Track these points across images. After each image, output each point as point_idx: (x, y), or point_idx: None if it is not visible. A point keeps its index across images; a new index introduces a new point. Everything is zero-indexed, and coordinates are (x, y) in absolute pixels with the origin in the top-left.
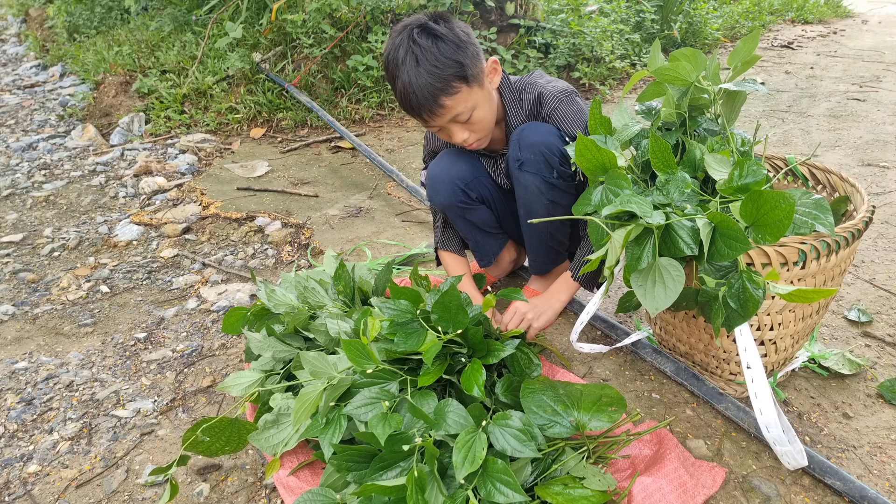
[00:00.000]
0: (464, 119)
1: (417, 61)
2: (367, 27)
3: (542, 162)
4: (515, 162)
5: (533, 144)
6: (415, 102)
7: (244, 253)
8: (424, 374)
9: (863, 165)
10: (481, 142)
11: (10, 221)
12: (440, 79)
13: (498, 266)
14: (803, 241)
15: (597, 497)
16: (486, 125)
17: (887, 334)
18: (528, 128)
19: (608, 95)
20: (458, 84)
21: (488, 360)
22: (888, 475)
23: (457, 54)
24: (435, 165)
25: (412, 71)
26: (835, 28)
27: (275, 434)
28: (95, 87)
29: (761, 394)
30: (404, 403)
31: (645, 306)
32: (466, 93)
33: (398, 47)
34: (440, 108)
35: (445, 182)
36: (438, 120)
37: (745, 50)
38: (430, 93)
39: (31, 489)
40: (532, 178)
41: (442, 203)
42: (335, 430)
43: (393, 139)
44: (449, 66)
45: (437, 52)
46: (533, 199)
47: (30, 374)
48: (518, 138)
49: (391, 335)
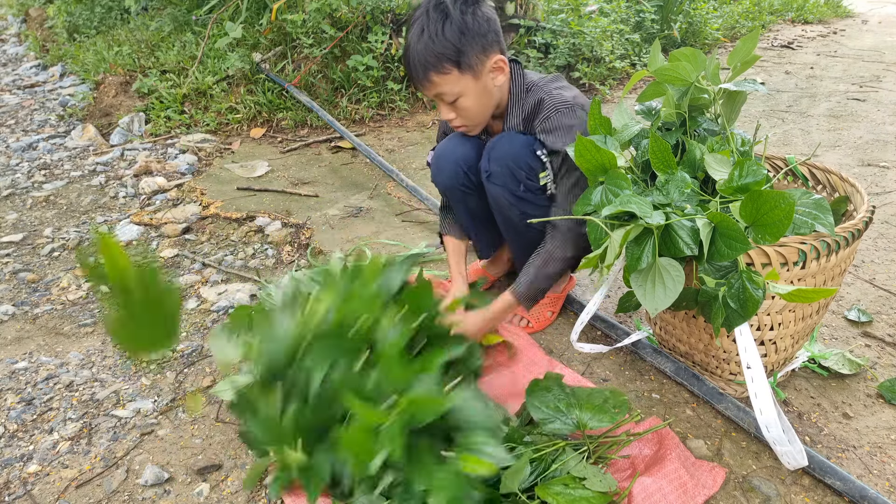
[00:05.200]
0: (448, 101)
1: (422, 31)
2: (367, 27)
3: (509, 175)
4: (485, 173)
5: (500, 157)
6: (409, 66)
7: (244, 253)
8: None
9: (863, 165)
10: (469, 129)
11: (10, 221)
12: (433, 55)
13: (497, 264)
14: (803, 241)
15: (598, 498)
16: (472, 115)
17: (887, 334)
18: (501, 139)
19: (608, 95)
20: (450, 66)
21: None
22: (888, 475)
23: (458, 39)
24: (442, 145)
25: (415, 38)
26: (835, 28)
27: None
28: (95, 87)
29: (761, 394)
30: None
31: (645, 306)
32: (456, 77)
33: (418, 10)
34: (427, 81)
35: (450, 162)
36: (426, 92)
37: (745, 50)
38: (421, 64)
39: (31, 489)
40: (500, 191)
41: (444, 183)
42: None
43: (393, 139)
44: (445, 48)
45: (440, 30)
46: (505, 209)
47: (30, 374)
48: (489, 149)
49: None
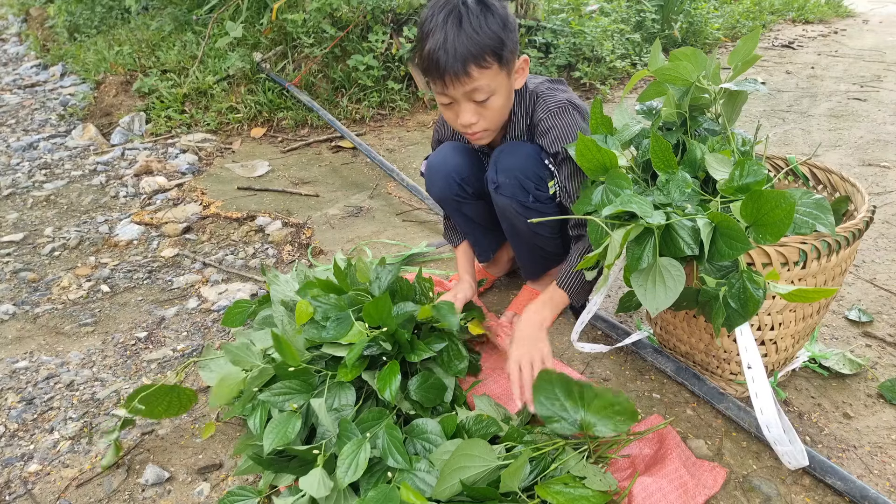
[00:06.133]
0: (480, 98)
1: (461, 22)
2: (367, 27)
3: (517, 187)
4: (492, 184)
5: (508, 169)
6: (443, 61)
7: (245, 252)
8: (343, 369)
9: (863, 165)
10: (484, 134)
11: (11, 221)
12: (478, 45)
13: (497, 265)
14: (804, 241)
15: (597, 497)
16: (496, 117)
17: (888, 334)
18: (507, 149)
19: (609, 95)
20: (492, 60)
21: (410, 358)
22: (889, 475)
23: (502, 31)
24: (434, 156)
25: (452, 30)
26: (835, 28)
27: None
28: (96, 86)
29: (762, 393)
30: (328, 393)
31: (645, 306)
32: (495, 72)
33: (444, 5)
34: (465, 75)
35: (442, 174)
36: (458, 88)
37: (746, 49)
38: (462, 56)
39: (31, 488)
40: (508, 202)
41: (438, 195)
42: (261, 413)
43: (393, 139)
44: (490, 38)
45: (485, 21)
46: (513, 219)
47: (30, 373)
48: (496, 160)
49: (323, 322)
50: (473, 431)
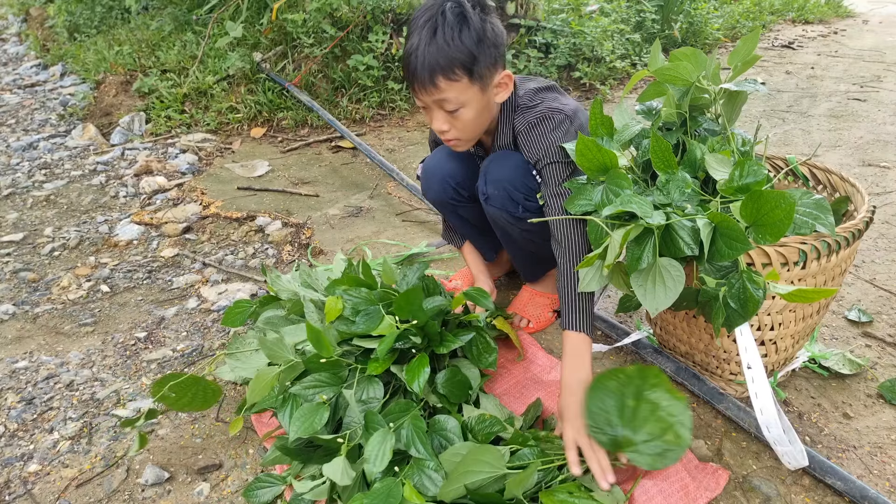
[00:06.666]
0: (449, 108)
1: (435, 32)
2: (367, 27)
3: (507, 198)
4: (482, 195)
5: (497, 181)
6: (412, 68)
7: (244, 252)
8: (373, 362)
9: (863, 165)
10: (459, 143)
11: (11, 221)
12: (447, 58)
13: (497, 265)
14: (804, 242)
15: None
16: (469, 129)
17: (888, 334)
18: (496, 160)
19: (609, 95)
20: (461, 73)
21: (439, 350)
22: (889, 475)
23: (475, 46)
24: (430, 160)
25: (426, 38)
26: (835, 28)
27: (240, 366)
28: (96, 86)
29: (762, 394)
30: (356, 386)
31: (645, 306)
32: (465, 86)
33: (427, 10)
34: (432, 85)
35: (437, 178)
36: (426, 96)
37: (746, 50)
38: (430, 66)
39: (31, 488)
40: (498, 213)
41: (433, 199)
42: (292, 406)
43: (393, 139)
44: (461, 52)
45: (458, 34)
46: (506, 228)
47: (30, 373)
48: (485, 170)
49: (353, 316)
50: (476, 431)
